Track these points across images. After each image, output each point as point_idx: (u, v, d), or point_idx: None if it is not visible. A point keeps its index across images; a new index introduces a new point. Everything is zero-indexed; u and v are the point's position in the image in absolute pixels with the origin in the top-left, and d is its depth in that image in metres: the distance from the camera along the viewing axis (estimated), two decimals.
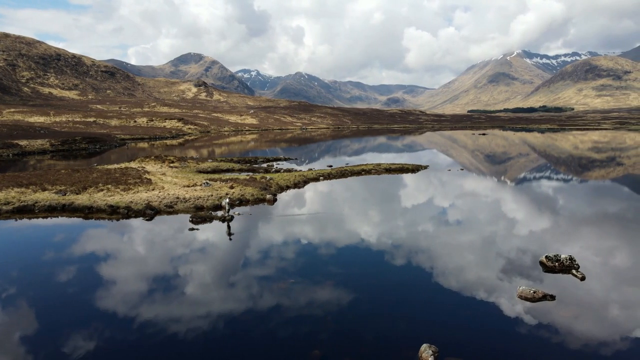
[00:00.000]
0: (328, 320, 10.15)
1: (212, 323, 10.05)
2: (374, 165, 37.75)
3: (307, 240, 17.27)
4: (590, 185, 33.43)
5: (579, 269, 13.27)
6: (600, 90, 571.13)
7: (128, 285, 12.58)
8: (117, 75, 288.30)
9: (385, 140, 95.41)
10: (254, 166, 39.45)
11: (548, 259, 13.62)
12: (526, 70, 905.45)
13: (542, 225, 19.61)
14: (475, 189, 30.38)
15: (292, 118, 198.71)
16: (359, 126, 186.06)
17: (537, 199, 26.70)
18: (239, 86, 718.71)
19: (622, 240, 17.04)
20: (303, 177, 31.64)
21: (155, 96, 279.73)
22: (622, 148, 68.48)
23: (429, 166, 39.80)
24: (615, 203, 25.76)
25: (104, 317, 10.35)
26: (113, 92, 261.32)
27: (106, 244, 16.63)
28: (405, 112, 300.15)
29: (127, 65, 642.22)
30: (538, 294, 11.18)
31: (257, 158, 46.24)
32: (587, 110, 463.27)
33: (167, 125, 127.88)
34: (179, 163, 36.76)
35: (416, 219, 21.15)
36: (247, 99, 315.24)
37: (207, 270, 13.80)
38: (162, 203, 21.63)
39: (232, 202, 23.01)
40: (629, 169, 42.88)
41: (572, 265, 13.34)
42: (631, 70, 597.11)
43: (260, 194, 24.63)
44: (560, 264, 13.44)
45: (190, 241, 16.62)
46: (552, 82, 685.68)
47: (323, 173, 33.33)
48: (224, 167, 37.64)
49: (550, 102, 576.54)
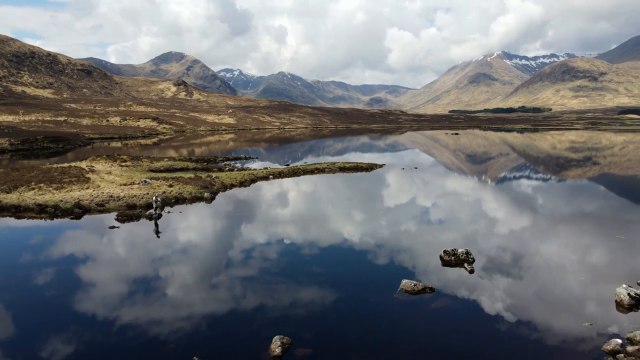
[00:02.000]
0: (196, 320, 10.31)
1: (108, 322, 10.10)
2: (329, 164, 38.02)
3: (229, 238, 17.39)
4: (532, 182, 34.29)
5: (473, 262, 13.70)
6: (577, 91, 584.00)
7: (26, 284, 12.51)
8: (94, 73, 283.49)
9: (358, 140, 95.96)
10: (211, 165, 39.36)
11: (446, 253, 14.02)
12: (506, 71, 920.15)
13: (460, 219, 20.12)
14: (415, 186, 30.87)
15: (271, 118, 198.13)
16: (337, 126, 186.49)
17: (472, 195, 27.34)
18: (221, 86, 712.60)
19: (533, 236, 17.58)
20: (252, 175, 31.72)
21: (134, 95, 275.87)
22: (576, 148, 70.29)
23: (385, 165, 40.24)
24: (547, 199, 26.53)
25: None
26: (89, 91, 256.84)
27: (16, 244, 16.47)
28: (386, 112, 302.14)
29: (106, 64, 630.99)
30: (418, 286, 11.52)
31: (218, 157, 46.14)
32: (564, 110, 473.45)
33: (141, 124, 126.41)
34: (132, 162, 36.44)
35: (340, 216, 21.45)
36: (227, 98, 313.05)
37: (117, 268, 13.81)
38: (93, 202, 21.47)
39: (168, 201, 22.99)
40: (574, 167, 44.10)
41: (467, 259, 13.75)
42: (606, 71, 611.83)
43: (199, 192, 24.63)
44: (456, 257, 13.84)
45: (107, 240, 16.57)
46: (531, 83, 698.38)
47: (274, 172, 33.45)
48: (179, 166, 37.45)
49: (529, 103, 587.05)
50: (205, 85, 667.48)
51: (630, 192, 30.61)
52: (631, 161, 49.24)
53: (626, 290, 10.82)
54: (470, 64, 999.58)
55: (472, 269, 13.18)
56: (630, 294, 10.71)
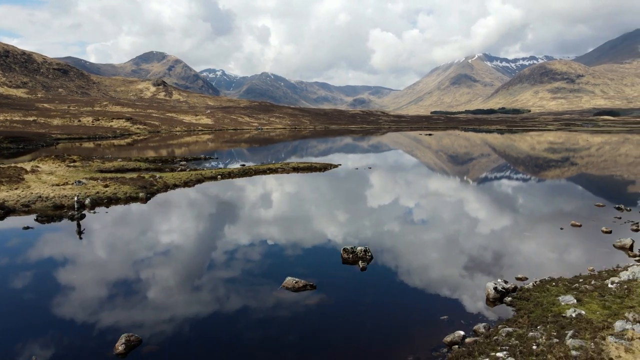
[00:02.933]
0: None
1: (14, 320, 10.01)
2: (283, 164, 38.12)
3: (139, 238, 17.35)
4: (462, 185, 34.95)
5: (371, 260, 13.95)
6: (555, 93, 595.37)
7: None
8: (71, 73, 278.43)
9: (332, 142, 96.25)
10: (165, 165, 39.09)
11: (345, 251, 14.24)
12: (487, 73, 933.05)
13: (379, 218, 20.45)
14: (356, 186, 31.18)
15: (249, 118, 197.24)
16: (316, 127, 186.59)
17: (404, 195, 27.77)
18: (203, 86, 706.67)
19: (436, 234, 17.97)
20: (200, 176, 31.64)
21: (112, 95, 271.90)
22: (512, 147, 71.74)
23: (340, 165, 40.50)
24: (468, 201, 27.11)
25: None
26: (65, 90, 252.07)
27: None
28: (366, 113, 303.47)
29: (85, 63, 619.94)
30: (299, 283, 11.70)
31: (176, 157, 45.82)
32: (543, 112, 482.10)
33: (115, 124, 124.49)
34: (81, 162, 35.98)
35: (254, 217, 21.59)
36: (207, 98, 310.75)
37: (17, 268, 13.66)
38: (19, 202, 21.17)
39: (100, 201, 22.81)
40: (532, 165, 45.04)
41: (364, 256, 14.00)
42: (583, 74, 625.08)
43: (135, 192, 24.47)
44: (354, 255, 14.07)
45: (15, 241, 16.36)
46: (511, 84, 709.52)
47: (224, 172, 33.41)
48: (131, 166, 37.10)
49: (509, 104, 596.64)
50: (187, 85, 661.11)
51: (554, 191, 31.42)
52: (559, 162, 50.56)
53: (493, 285, 11.17)
54: (452, 66, 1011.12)
55: (365, 266, 13.42)
56: (497, 288, 11.06)
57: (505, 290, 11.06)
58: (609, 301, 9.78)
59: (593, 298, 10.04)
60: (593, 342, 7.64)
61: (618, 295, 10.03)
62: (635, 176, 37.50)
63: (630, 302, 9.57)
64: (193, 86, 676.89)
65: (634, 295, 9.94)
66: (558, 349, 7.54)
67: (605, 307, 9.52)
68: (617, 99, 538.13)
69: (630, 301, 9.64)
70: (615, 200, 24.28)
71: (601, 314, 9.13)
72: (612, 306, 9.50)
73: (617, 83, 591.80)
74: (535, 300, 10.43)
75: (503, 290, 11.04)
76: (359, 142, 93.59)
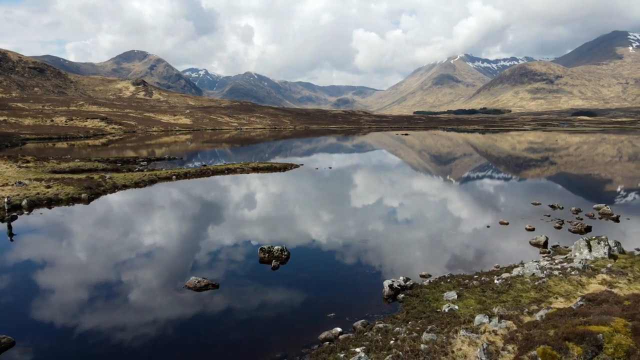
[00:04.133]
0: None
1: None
2: (242, 164, 38.08)
3: (71, 240, 17.19)
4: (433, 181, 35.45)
5: (287, 259, 14.10)
6: (535, 94, 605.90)
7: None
8: (47, 72, 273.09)
9: (307, 142, 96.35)
10: (125, 166, 38.68)
11: (262, 251, 14.35)
12: (469, 74, 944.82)
13: (317, 216, 20.65)
14: (306, 186, 31.37)
15: (229, 118, 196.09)
16: (296, 127, 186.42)
17: (351, 194, 28.05)
18: (186, 86, 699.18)
19: (354, 233, 18.22)
20: (154, 176, 31.43)
21: (90, 94, 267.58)
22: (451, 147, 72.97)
23: (302, 165, 40.62)
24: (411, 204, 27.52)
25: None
26: (42, 90, 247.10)
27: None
28: (348, 113, 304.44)
29: (64, 62, 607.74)
30: (202, 282, 11.78)
31: (137, 157, 45.37)
32: (523, 112, 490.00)
33: (89, 124, 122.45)
34: (35, 163, 35.38)
35: (204, 216, 21.61)
36: (188, 98, 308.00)
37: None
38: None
39: (39, 202, 22.50)
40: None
41: (280, 256, 14.13)
42: (562, 75, 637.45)
43: (78, 193, 24.21)
44: (270, 254, 14.19)
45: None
46: (492, 85, 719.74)
47: (179, 172, 33.24)
48: (87, 166, 36.59)
49: (490, 105, 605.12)
50: (170, 85, 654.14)
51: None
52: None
53: (389, 283, 11.40)
54: (435, 66, 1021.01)
55: (277, 265, 13.56)
56: (392, 286, 11.30)
57: (400, 287, 11.30)
58: (487, 296, 10.09)
59: (474, 294, 10.34)
60: (446, 335, 7.88)
61: (498, 290, 10.35)
62: (587, 176, 38.49)
63: (505, 297, 9.89)
64: (175, 86, 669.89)
65: (512, 290, 10.28)
66: (409, 342, 7.77)
67: (480, 302, 9.82)
68: (595, 100, 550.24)
69: (506, 296, 9.96)
70: (554, 199, 24.91)
71: (474, 309, 9.42)
72: (486, 301, 9.81)
73: (594, 84, 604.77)
74: (424, 296, 10.69)
75: (398, 287, 11.28)
76: (335, 142, 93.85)
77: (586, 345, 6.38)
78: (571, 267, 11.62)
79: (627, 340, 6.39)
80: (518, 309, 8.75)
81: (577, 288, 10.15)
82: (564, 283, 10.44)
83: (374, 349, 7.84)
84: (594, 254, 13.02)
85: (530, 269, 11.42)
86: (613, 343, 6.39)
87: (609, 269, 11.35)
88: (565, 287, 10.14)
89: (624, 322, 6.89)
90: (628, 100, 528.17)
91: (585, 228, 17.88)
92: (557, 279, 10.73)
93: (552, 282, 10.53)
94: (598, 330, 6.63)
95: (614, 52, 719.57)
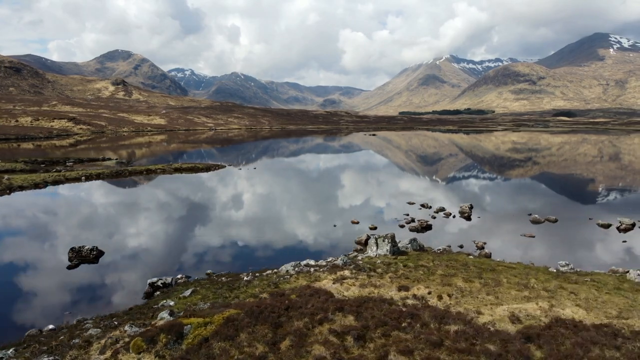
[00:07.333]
0: None
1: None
2: (165, 165, 38.28)
3: None
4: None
5: (98, 259, 14.43)
6: (518, 94, 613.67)
7: None
8: (24, 71, 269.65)
9: (265, 143, 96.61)
10: (49, 167, 38.60)
11: (72, 251, 14.65)
12: (454, 74, 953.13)
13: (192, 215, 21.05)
14: (218, 186, 31.75)
15: (206, 119, 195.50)
16: (273, 127, 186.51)
17: (252, 197, 28.49)
18: (171, 86, 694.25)
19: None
20: (61, 177, 31.51)
21: (67, 94, 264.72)
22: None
23: (226, 166, 40.92)
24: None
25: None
26: (17, 89, 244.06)
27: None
28: (330, 114, 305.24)
29: (46, 62, 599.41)
30: None
31: (68, 158, 45.24)
32: (506, 112, 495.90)
33: (55, 125, 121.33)
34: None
35: (71, 221, 21.87)
36: (169, 98, 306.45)
37: None
38: None
39: None
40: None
41: (88, 255, 14.45)
42: (545, 76, 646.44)
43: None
44: (79, 254, 14.50)
45: None
46: (477, 86, 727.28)
47: (90, 173, 33.34)
48: (5, 167, 36.46)
49: (475, 105, 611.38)
50: (154, 85, 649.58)
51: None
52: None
53: (150, 281, 11.80)
54: (421, 67, 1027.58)
55: (76, 264, 13.89)
56: (152, 284, 11.70)
57: (161, 285, 11.71)
58: (218, 291, 10.56)
59: (208, 289, 10.81)
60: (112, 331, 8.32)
61: (231, 287, 10.82)
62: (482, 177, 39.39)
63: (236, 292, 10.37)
64: (160, 86, 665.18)
65: (249, 288, 10.76)
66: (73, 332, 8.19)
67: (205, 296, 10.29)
68: (576, 100, 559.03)
69: (238, 292, 10.44)
70: (442, 200, 25.56)
71: (184, 303, 9.87)
72: (212, 294, 10.28)
73: (576, 85, 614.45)
74: (172, 294, 11.12)
75: (160, 285, 11.69)
76: (291, 143, 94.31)
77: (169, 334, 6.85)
78: (334, 265, 12.16)
79: (207, 331, 6.87)
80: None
81: (310, 283, 10.65)
82: (302, 279, 10.96)
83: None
84: (379, 251, 13.60)
85: (286, 268, 11.92)
86: (194, 334, 6.87)
87: (370, 265, 11.89)
88: (296, 284, 10.64)
89: (232, 312, 7.38)
90: (608, 101, 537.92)
91: (425, 226, 18.50)
92: (302, 275, 11.25)
93: (294, 279, 11.04)
94: (188, 322, 7.11)
95: (596, 54, 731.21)
